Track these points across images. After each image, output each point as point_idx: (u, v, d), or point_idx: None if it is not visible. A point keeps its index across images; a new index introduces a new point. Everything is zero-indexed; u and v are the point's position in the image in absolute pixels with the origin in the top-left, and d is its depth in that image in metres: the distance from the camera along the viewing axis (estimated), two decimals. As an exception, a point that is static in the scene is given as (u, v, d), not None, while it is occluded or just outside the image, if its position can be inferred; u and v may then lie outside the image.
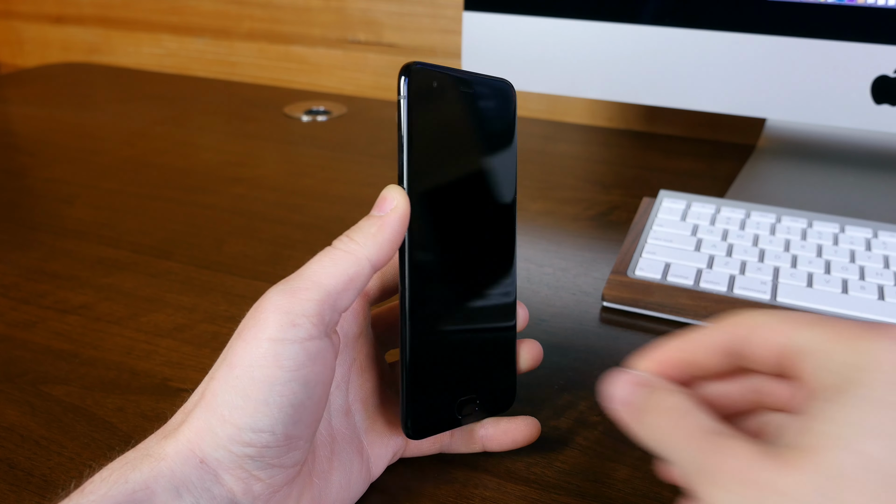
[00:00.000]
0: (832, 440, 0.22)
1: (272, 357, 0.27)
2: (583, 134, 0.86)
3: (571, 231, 0.61)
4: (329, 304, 0.29)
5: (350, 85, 1.03)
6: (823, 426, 0.22)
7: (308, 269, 0.29)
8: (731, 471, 0.22)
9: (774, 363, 0.26)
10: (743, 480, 0.22)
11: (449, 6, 0.93)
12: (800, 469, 0.21)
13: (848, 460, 0.21)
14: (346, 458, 0.33)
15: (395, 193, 0.31)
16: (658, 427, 0.25)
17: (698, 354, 0.27)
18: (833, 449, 0.21)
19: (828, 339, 0.24)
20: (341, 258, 0.29)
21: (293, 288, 0.28)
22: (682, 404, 0.25)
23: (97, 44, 1.17)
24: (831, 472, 0.21)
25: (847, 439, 0.21)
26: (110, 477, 0.27)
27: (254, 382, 0.27)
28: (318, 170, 0.74)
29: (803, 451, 0.22)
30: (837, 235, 0.52)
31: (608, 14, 0.63)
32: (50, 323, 0.48)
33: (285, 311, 0.28)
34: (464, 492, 0.35)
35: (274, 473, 0.28)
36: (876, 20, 0.56)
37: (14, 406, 0.40)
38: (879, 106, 0.58)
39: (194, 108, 0.94)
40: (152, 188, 0.69)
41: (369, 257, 0.30)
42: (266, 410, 0.27)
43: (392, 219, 0.30)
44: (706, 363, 0.27)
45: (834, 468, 0.21)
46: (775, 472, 0.22)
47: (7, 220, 0.62)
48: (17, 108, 0.94)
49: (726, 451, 0.23)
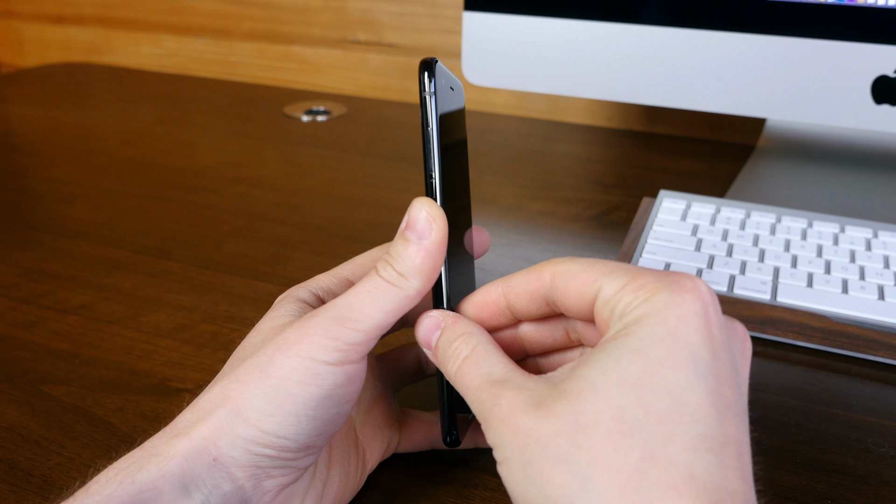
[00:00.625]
0: (587, 387, 0.23)
1: (312, 376, 0.28)
2: (583, 134, 0.86)
3: (571, 231, 0.61)
4: (374, 336, 0.29)
5: (350, 85, 1.03)
6: (584, 371, 0.24)
7: (357, 298, 0.29)
8: (499, 419, 0.24)
9: (582, 311, 0.27)
10: (508, 427, 0.24)
11: (449, 6, 0.93)
12: (555, 415, 0.23)
13: (596, 408, 0.22)
14: (343, 453, 0.33)
15: (432, 212, 0.29)
16: (453, 375, 0.27)
17: (515, 300, 0.29)
18: (586, 396, 0.23)
19: (620, 288, 0.25)
20: (393, 293, 0.29)
21: (342, 316, 0.28)
22: (468, 351, 0.27)
23: (97, 44, 1.17)
24: (580, 420, 0.22)
25: (599, 387, 0.23)
26: (116, 477, 0.27)
27: (289, 395, 0.27)
28: (318, 170, 0.74)
29: (562, 396, 0.23)
30: (837, 235, 0.52)
31: (608, 14, 0.63)
32: (50, 323, 0.48)
33: (332, 338, 0.28)
34: (464, 492, 0.35)
35: (286, 472, 0.29)
36: (876, 20, 0.56)
37: (14, 406, 0.40)
38: (879, 106, 0.58)
39: (194, 108, 0.94)
40: (152, 188, 0.69)
41: (419, 290, 0.29)
42: (295, 421, 0.28)
43: (434, 245, 0.29)
44: (523, 309, 0.29)
45: (583, 416, 0.22)
46: (535, 419, 0.23)
47: (7, 220, 0.62)
48: (17, 108, 0.94)
49: (499, 399, 0.24)
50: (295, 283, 0.34)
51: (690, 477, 0.21)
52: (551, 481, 0.22)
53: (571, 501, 0.22)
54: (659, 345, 0.23)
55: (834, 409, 0.40)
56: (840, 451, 0.37)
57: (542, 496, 0.22)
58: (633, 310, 0.24)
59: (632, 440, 0.22)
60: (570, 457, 0.22)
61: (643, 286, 0.25)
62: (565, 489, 0.22)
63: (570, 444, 0.22)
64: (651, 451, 0.22)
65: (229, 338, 0.46)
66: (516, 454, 0.23)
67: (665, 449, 0.22)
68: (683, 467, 0.21)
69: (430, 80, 0.29)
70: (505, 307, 0.30)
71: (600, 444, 0.22)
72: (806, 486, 0.35)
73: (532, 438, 0.23)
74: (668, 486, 0.21)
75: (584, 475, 0.22)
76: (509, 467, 0.24)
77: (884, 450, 0.38)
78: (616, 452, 0.22)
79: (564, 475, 0.22)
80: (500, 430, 0.24)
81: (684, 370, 0.23)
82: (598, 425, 0.22)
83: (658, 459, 0.22)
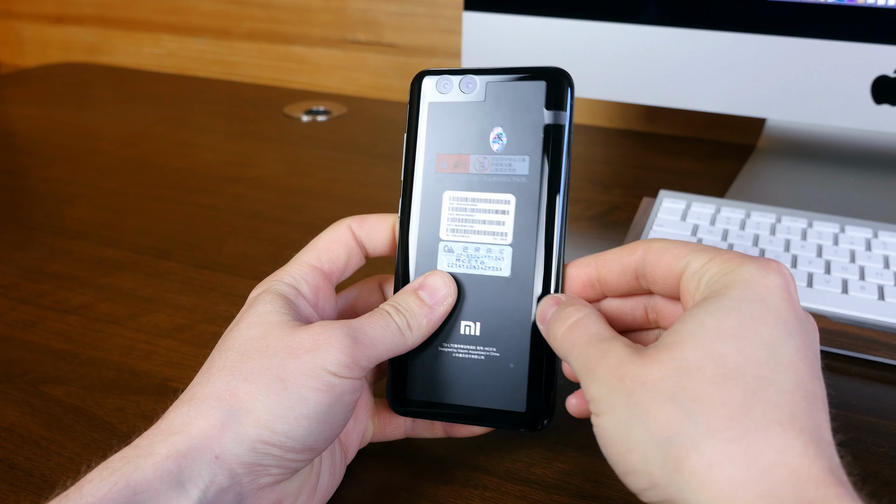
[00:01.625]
0: (688, 338, 0.25)
1: (325, 385, 0.29)
2: (583, 134, 0.86)
3: (572, 231, 0.61)
4: (375, 360, 0.31)
5: (350, 85, 1.03)
6: (682, 326, 0.26)
7: (372, 328, 0.31)
8: (606, 368, 0.27)
9: (670, 284, 0.30)
10: (615, 375, 0.26)
11: (449, 6, 0.93)
12: (659, 363, 0.25)
13: (700, 354, 0.25)
14: (330, 447, 0.33)
15: (448, 284, 0.33)
16: (560, 336, 0.30)
17: (606, 273, 0.32)
18: (688, 345, 0.25)
19: (707, 261, 0.28)
20: (398, 338, 0.32)
21: (358, 339, 0.30)
22: (580, 316, 0.30)
23: (97, 44, 1.17)
24: (685, 364, 0.25)
25: (701, 337, 0.25)
26: (111, 477, 0.26)
27: (301, 399, 0.29)
28: (318, 170, 0.74)
29: (665, 347, 0.26)
30: (837, 235, 0.52)
31: (608, 14, 0.63)
32: (50, 323, 0.48)
33: (347, 354, 0.30)
34: (464, 492, 0.35)
35: (284, 471, 0.29)
36: (876, 20, 0.56)
37: (14, 406, 0.40)
38: (879, 106, 0.58)
39: (194, 108, 0.94)
40: (152, 188, 0.69)
41: (415, 344, 0.33)
42: (306, 424, 0.29)
43: (440, 316, 0.33)
44: (613, 282, 0.32)
45: (688, 361, 0.25)
46: (640, 366, 0.26)
47: (7, 220, 0.62)
48: (17, 108, 0.94)
49: (608, 353, 0.27)
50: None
51: (792, 415, 0.24)
52: (657, 418, 0.24)
53: (678, 433, 0.24)
54: (750, 305, 0.26)
55: (834, 409, 0.40)
56: (840, 451, 0.37)
57: (647, 433, 0.25)
58: (721, 277, 0.27)
59: (734, 382, 0.24)
60: (676, 395, 0.24)
61: (730, 259, 0.27)
62: (671, 423, 0.24)
63: (675, 386, 0.25)
64: (753, 391, 0.24)
65: (229, 338, 0.46)
66: (623, 399, 0.25)
67: (766, 391, 0.24)
68: (785, 407, 0.24)
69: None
70: (595, 280, 0.32)
71: (704, 385, 0.24)
72: (806, 486, 0.35)
73: (638, 383, 0.25)
74: (772, 421, 0.23)
75: (690, 409, 0.24)
76: (614, 413, 0.26)
77: (884, 450, 0.38)
78: (720, 390, 0.24)
79: (670, 411, 0.24)
80: (607, 379, 0.26)
81: (775, 328, 0.25)
82: (701, 369, 0.25)
83: (760, 398, 0.24)
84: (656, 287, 0.30)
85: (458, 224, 0.34)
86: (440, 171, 0.34)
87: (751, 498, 0.22)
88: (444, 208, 0.34)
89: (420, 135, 0.34)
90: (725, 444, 0.23)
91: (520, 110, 0.33)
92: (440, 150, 0.34)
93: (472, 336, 0.33)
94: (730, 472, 0.23)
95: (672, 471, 0.24)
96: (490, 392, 0.33)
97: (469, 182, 0.34)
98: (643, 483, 0.25)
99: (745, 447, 0.23)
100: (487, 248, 0.33)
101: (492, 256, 0.33)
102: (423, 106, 0.34)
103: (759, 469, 0.23)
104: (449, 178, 0.34)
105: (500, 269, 0.33)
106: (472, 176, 0.34)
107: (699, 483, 0.23)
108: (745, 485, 0.23)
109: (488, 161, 0.33)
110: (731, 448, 0.23)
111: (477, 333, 0.33)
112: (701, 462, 0.23)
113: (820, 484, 0.23)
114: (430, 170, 0.34)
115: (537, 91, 0.33)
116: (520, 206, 0.33)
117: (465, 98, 0.34)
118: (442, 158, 0.34)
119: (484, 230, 0.34)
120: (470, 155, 0.34)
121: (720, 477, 0.23)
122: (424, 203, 0.34)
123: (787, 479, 0.23)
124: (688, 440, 0.24)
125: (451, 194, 0.34)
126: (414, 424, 0.37)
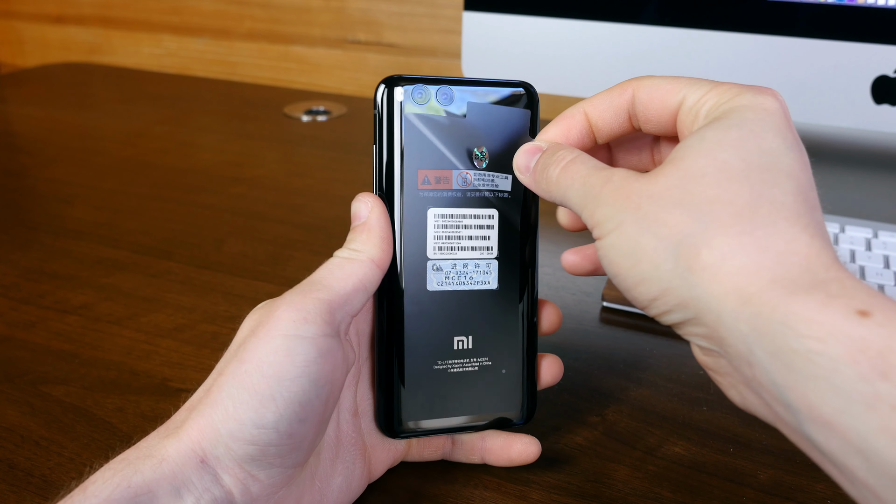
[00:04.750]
0: (694, 150, 0.26)
1: (284, 352, 0.28)
2: (583, 134, 0.86)
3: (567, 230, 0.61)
4: (339, 305, 0.30)
5: (350, 85, 1.03)
6: (690, 142, 0.26)
7: (317, 274, 0.31)
8: (611, 189, 0.27)
9: (664, 121, 0.30)
10: (621, 194, 0.26)
11: (449, 6, 0.93)
12: (666, 175, 0.26)
13: (703, 162, 0.25)
14: (349, 461, 0.33)
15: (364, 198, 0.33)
16: (556, 176, 0.30)
17: (598, 119, 0.31)
18: (694, 156, 0.26)
19: (704, 93, 0.28)
20: (347, 263, 0.31)
21: (304, 290, 0.30)
22: (575, 156, 0.30)
23: (97, 44, 1.17)
24: (689, 173, 0.25)
25: (706, 149, 0.26)
26: (112, 479, 0.26)
27: (263, 377, 0.27)
28: (318, 170, 0.74)
29: (669, 162, 0.26)
30: (837, 235, 0.52)
31: (608, 14, 0.63)
32: (50, 323, 0.48)
33: (298, 308, 0.29)
34: (464, 492, 0.35)
35: (273, 474, 0.28)
36: (876, 20, 0.56)
37: (14, 406, 0.40)
38: (879, 106, 0.58)
39: (194, 108, 0.94)
40: (152, 188, 0.69)
41: (373, 259, 0.31)
42: (272, 406, 0.27)
43: (373, 220, 0.32)
44: (606, 126, 0.31)
45: (692, 169, 0.25)
46: (646, 182, 0.26)
47: (7, 220, 0.62)
48: (17, 108, 0.94)
49: (612, 176, 0.27)
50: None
51: (797, 213, 0.24)
52: (667, 223, 0.25)
53: (688, 234, 0.24)
54: (751, 122, 0.26)
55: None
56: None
57: (656, 240, 0.25)
58: (720, 106, 0.27)
59: (739, 184, 0.25)
60: (683, 200, 0.25)
61: (727, 90, 0.27)
62: (681, 226, 0.24)
63: (682, 192, 0.25)
64: (758, 192, 0.24)
65: (229, 338, 0.46)
66: (630, 214, 0.26)
67: (770, 192, 0.24)
68: (791, 206, 0.24)
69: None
70: (587, 128, 0.32)
71: (710, 188, 0.25)
72: (806, 486, 0.35)
73: (645, 196, 0.26)
74: (779, 217, 0.24)
75: (699, 210, 0.24)
76: (621, 230, 0.26)
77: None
78: (726, 192, 0.24)
79: (679, 215, 0.25)
80: (612, 200, 0.27)
81: (775, 140, 0.26)
82: (706, 175, 0.25)
83: (766, 198, 0.24)
84: (650, 125, 0.30)
85: (444, 241, 0.33)
86: (423, 187, 0.33)
87: (764, 284, 0.23)
88: (430, 226, 0.33)
89: (397, 149, 0.32)
90: (736, 237, 0.24)
91: (503, 130, 0.34)
92: (421, 166, 0.33)
93: (466, 350, 0.34)
94: (741, 263, 0.23)
95: (684, 270, 0.24)
96: (486, 399, 0.34)
97: (453, 199, 0.33)
98: (653, 290, 0.25)
99: (756, 239, 0.24)
100: (475, 264, 0.34)
101: (480, 271, 0.34)
102: (397, 117, 0.32)
103: (770, 257, 0.23)
104: (432, 195, 0.33)
105: (489, 283, 0.34)
106: (456, 192, 0.33)
107: (712, 277, 0.24)
108: (757, 272, 0.23)
109: (471, 177, 0.33)
110: (742, 240, 0.24)
111: (470, 347, 0.34)
112: (713, 255, 0.24)
113: (829, 268, 0.23)
114: (411, 186, 0.32)
115: (523, 118, 0.34)
116: (502, 219, 0.34)
117: (445, 112, 0.33)
118: (424, 174, 0.33)
119: (471, 246, 0.34)
120: (452, 171, 0.33)
121: (732, 268, 0.23)
122: (408, 221, 0.32)
123: (798, 263, 0.23)
124: (698, 238, 0.24)
125: (437, 211, 0.33)
126: (453, 447, 0.36)
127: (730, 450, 0.38)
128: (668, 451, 0.37)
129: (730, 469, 0.36)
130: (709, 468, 0.36)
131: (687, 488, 0.35)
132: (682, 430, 0.39)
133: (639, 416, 0.40)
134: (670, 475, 0.36)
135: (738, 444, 0.38)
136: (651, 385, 0.42)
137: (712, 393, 0.42)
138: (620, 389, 0.42)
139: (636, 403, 0.41)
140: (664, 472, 0.36)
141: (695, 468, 0.36)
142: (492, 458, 0.35)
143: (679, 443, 0.38)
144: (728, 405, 0.41)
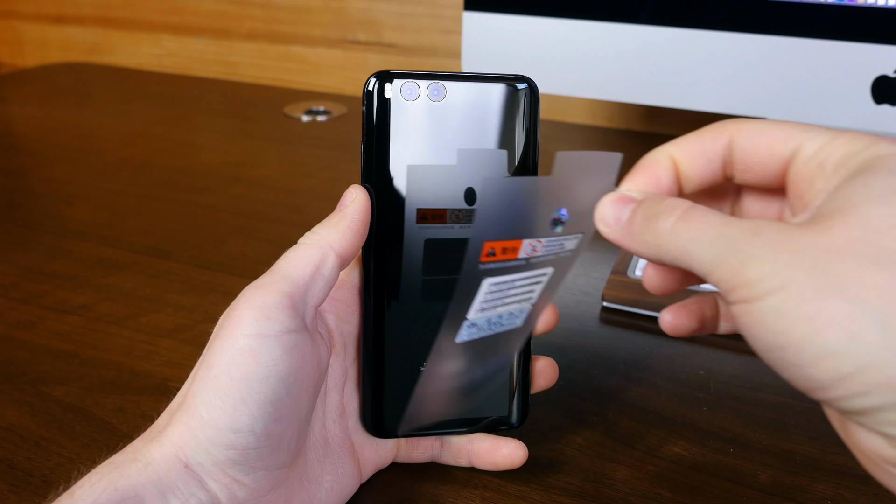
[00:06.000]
0: (861, 200, 0.21)
1: (249, 353, 0.27)
2: (583, 134, 0.86)
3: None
4: (299, 296, 0.29)
5: (350, 85, 1.03)
6: (843, 193, 0.22)
7: (276, 265, 0.30)
8: (767, 244, 0.22)
9: (769, 171, 0.26)
10: (784, 249, 0.21)
11: (449, 6, 0.93)
12: (838, 227, 0.21)
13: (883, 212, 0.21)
14: (338, 461, 0.33)
15: (354, 190, 0.32)
16: (671, 228, 0.24)
17: (688, 165, 0.27)
18: (864, 206, 0.21)
19: (827, 142, 0.24)
20: (304, 250, 0.30)
21: (263, 284, 0.29)
22: (689, 205, 0.24)
23: (97, 44, 1.17)
24: (871, 224, 0.21)
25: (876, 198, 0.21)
26: (99, 483, 0.26)
27: (231, 381, 0.27)
28: (318, 170, 0.74)
29: (831, 215, 0.22)
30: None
31: (608, 14, 0.63)
32: (50, 323, 0.48)
33: (258, 306, 0.28)
34: (464, 492, 0.35)
35: (258, 478, 0.28)
36: (876, 20, 0.56)
37: (14, 406, 0.40)
38: (879, 106, 0.58)
39: (194, 108, 0.94)
40: (152, 188, 0.69)
41: (332, 244, 0.30)
42: (245, 409, 0.27)
43: (351, 209, 0.31)
44: (695, 175, 0.27)
45: (874, 221, 0.21)
46: (816, 234, 0.21)
47: (7, 220, 0.62)
48: (17, 108, 0.94)
49: (756, 230, 0.22)
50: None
51: None
52: (864, 283, 0.20)
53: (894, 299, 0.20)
54: None
55: (834, 409, 0.40)
56: (840, 451, 0.37)
57: (850, 305, 0.20)
58: (855, 156, 0.23)
59: None
60: (879, 258, 0.20)
61: (857, 138, 0.24)
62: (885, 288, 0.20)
63: (871, 247, 0.21)
64: None
65: (229, 338, 0.46)
66: (803, 272, 0.21)
67: None
68: None
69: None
70: (676, 176, 0.27)
71: None
72: (806, 486, 0.35)
73: (821, 250, 0.21)
74: None
75: None
76: (790, 290, 0.21)
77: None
78: None
79: (879, 275, 0.20)
80: (772, 254, 0.22)
81: None
82: (892, 227, 0.21)
83: None
84: (748, 175, 0.26)
85: (488, 304, 0.28)
86: (486, 259, 0.26)
87: None
88: (480, 293, 0.27)
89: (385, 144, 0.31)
90: None
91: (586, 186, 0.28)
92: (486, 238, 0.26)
93: None
94: None
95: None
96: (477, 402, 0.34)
97: (517, 266, 0.27)
98: (845, 367, 0.20)
99: None
100: (510, 313, 0.29)
101: (513, 317, 0.29)
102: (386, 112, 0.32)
103: None
104: (493, 266, 0.27)
105: (516, 324, 0.29)
106: (521, 261, 0.27)
107: None
108: None
109: (542, 244, 0.27)
110: None
111: None
112: None
113: None
114: (472, 258, 0.26)
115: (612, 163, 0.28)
116: (555, 273, 0.29)
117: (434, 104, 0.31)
118: (490, 246, 0.26)
119: (514, 300, 0.28)
120: (523, 240, 0.27)
121: None
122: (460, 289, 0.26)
123: None
124: None
125: (492, 280, 0.27)
126: (442, 450, 0.36)
127: (730, 450, 0.38)
128: (668, 451, 0.37)
129: (730, 469, 0.36)
130: (709, 468, 0.36)
131: (687, 488, 0.35)
132: (682, 430, 0.39)
133: (639, 416, 0.40)
134: (670, 475, 0.36)
135: (738, 445, 0.38)
136: (651, 385, 0.42)
137: (712, 393, 0.42)
138: (620, 389, 0.42)
139: (636, 403, 0.41)
140: (664, 472, 0.36)
141: (695, 468, 0.36)
142: (478, 461, 0.35)
143: (679, 443, 0.38)
144: (728, 405, 0.41)
